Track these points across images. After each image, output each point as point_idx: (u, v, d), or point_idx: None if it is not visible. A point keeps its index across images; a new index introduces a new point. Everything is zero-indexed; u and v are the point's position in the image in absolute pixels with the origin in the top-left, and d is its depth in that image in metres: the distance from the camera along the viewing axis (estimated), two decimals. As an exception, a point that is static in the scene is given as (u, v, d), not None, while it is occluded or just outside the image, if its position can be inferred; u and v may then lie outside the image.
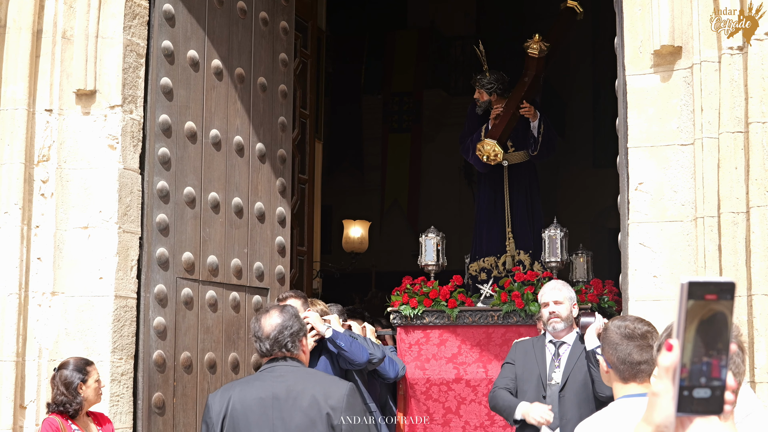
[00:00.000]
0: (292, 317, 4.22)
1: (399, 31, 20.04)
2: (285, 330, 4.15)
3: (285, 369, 4.13)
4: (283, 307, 4.32)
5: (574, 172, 18.29)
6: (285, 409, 4.01)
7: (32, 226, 6.44)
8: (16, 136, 6.38)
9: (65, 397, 5.60)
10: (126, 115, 6.57)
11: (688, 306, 1.58)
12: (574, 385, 6.09)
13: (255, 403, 4.05)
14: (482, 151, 9.25)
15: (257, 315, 4.29)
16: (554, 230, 8.71)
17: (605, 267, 9.24)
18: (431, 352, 8.44)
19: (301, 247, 10.25)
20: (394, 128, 19.91)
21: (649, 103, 5.80)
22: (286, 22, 8.03)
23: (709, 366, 1.58)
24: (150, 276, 6.63)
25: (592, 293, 8.18)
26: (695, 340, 1.58)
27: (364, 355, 6.65)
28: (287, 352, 4.15)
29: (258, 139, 7.60)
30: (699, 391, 1.58)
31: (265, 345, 4.16)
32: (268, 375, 4.14)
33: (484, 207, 9.73)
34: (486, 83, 9.63)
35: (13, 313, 6.26)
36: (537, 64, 9.51)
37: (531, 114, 9.34)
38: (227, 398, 4.13)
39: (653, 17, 5.73)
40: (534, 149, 9.38)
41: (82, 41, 6.52)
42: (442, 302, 8.49)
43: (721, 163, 5.44)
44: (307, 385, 4.07)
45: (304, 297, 6.74)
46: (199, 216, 7.04)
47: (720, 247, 5.40)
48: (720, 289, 1.58)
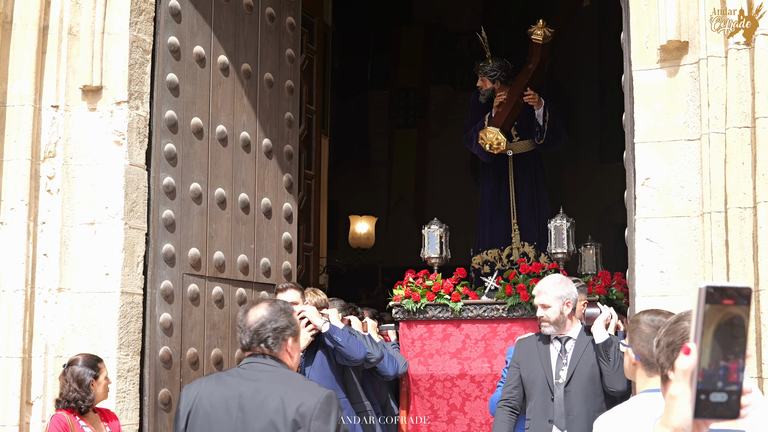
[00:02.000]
0: (279, 312, 3.89)
1: (405, 26, 20.04)
2: (268, 324, 3.83)
3: (260, 368, 3.81)
4: (274, 301, 3.99)
5: (580, 167, 18.27)
6: (249, 411, 3.70)
7: (38, 223, 6.44)
8: (23, 133, 6.39)
9: (77, 393, 5.59)
10: (132, 111, 6.57)
11: (705, 310, 1.58)
12: (580, 379, 5.96)
13: (220, 401, 3.78)
14: (485, 139, 9.11)
15: (246, 305, 3.99)
16: (560, 220, 8.50)
17: (612, 262, 9.16)
18: (435, 347, 8.22)
19: (307, 243, 10.26)
20: (400, 124, 19.92)
21: (655, 99, 5.78)
22: (292, 18, 8.03)
23: (726, 370, 1.58)
24: (156, 272, 6.63)
25: (600, 285, 7.99)
26: (712, 344, 1.59)
27: (362, 352, 6.53)
28: (267, 348, 3.82)
29: (264, 135, 7.60)
30: (716, 396, 1.59)
31: (246, 337, 3.85)
32: (241, 372, 3.85)
33: (488, 198, 9.56)
34: (489, 71, 9.48)
35: (19, 309, 6.26)
36: (541, 51, 9.33)
37: (535, 101, 9.17)
38: (197, 391, 3.87)
39: (659, 12, 5.72)
40: (539, 138, 9.22)
41: (88, 37, 6.53)
42: (445, 296, 8.26)
43: (728, 159, 5.43)
44: (279, 388, 3.71)
45: (302, 289, 6.69)
46: (206, 212, 7.04)
47: (727, 243, 5.39)
48: (737, 293, 1.59)
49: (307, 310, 6.46)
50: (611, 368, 5.87)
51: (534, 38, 9.29)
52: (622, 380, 5.85)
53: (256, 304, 3.95)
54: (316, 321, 6.46)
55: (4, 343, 6.23)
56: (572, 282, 6.30)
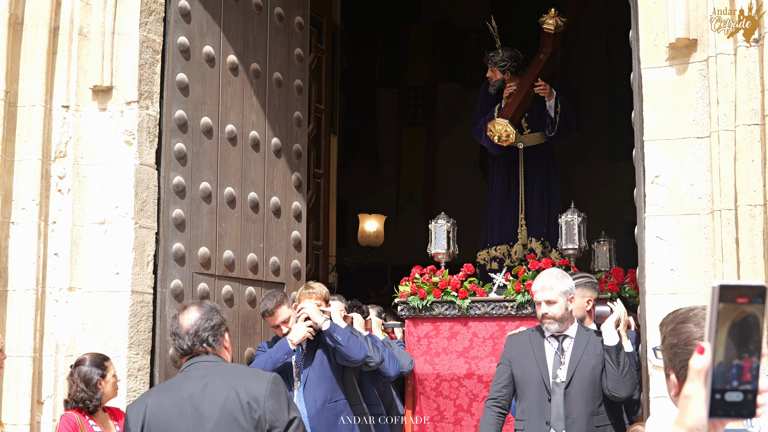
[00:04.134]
0: (211, 311, 4.03)
1: (413, 24, 20.02)
2: (205, 324, 3.96)
3: (204, 366, 3.93)
4: (201, 302, 4.11)
5: (589, 164, 18.25)
6: (202, 406, 3.82)
7: (49, 222, 6.46)
8: (33, 133, 6.41)
9: (85, 393, 5.60)
10: (142, 110, 6.58)
11: (719, 309, 1.57)
12: (580, 381, 5.69)
13: (172, 407, 3.86)
14: (493, 131, 8.86)
15: (175, 313, 4.10)
16: (572, 215, 8.15)
17: (622, 260, 9.03)
18: (441, 346, 7.85)
19: (316, 242, 10.26)
20: (409, 122, 19.90)
21: (664, 96, 5.78)
22: (301, 18, 8.04)
23: (740, 369, 1.58)
24: (166, 271, 6.65)
25: (613, 282, 7.62)
26: (726, 343, 1.58)
27: (362, 353, 6.44)
28: (209, 347, 3.96)
29: (274, 134, 7.61)
30: (731, 395, 1.58)
31: (186, 342, 3.96)
32: (186, 375, 3.94)
33: (497, 192, 9.30)
34: (498, 60, 9.21)
35: (30, 308, 6.29)
36: (553, 41, 9.07)
37: (547, 92, 8.91)
38: (144, 406, 3.93)
39: (668, 10, 5.71)
40: (551, 130, 8.97)
41: (98, 38, 6.55)
42: (452, 292, 7.85)
43: (738, 156, 5.42)
44: (227, 380, 3.86)
45: (282, 295, 6.67)
46: (215, 211, 7.06)
47: (737, 240, 5.38)
48: (751, 292, 1.58)
49: (307, 307, 6.43)
50: (618, 373, 5.66)
51: (546, 27, 9.06)
52: (627, 386, 5.69)
53: (184, 309, 4.08)
54: (316, 318, 6.41)
55: (15, 342, 6.25)
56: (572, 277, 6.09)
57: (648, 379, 5.67)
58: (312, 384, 6.48)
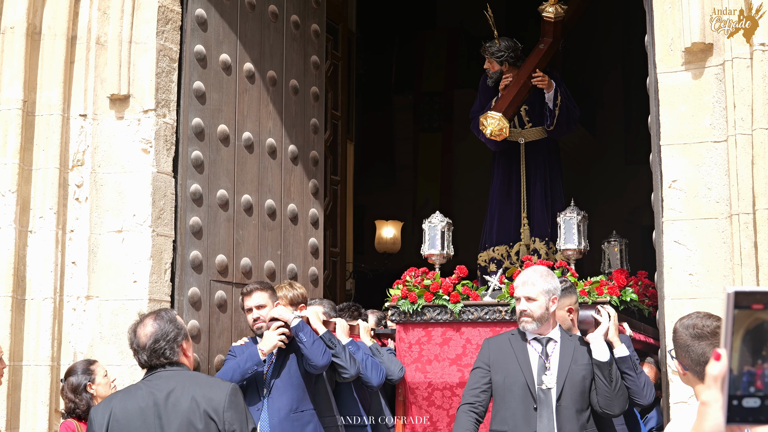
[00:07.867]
0: (168, 323, 4.06)
1: (429, 31, 20.03)
2: (161, 339, 4.00)
3: (166, 374, 4.00)
4: (157, 313, 4.13)
5: (606, 169, 18.20)
6: (165, 414, 3.90)
7: (67, 231, 6.49)
8: (51, 141, 6.44)
9: (73, 403, 5.59)
10: (159, 119, 6.61)
11: (735, 315, 1.57)
12: (572, 393, 5.23)
13: (135, 412, 3.94)
14: (485, 124, 8.29)
15: (132, 325, 4.14)
16: (570, 213, 7.53)
17: (639, 265, 8.86)
18: (433, 353, 7.26)
19: (333, 248, 10.27)
20: (425, 128, 19.89)
21: (681, 101, 5.77)
22: (317, 25, 8.05)
23: (751, 376, 1.57)
24: (183, 279, 6.66)
25: (613, 286, 6.91)
26: (741, 349, 1.57)
27: (325, 359, 6.00)
28: (166, 359, 4.01)
29: (290, 141, 7.63)
30: (748, 401, 1.57)
31: (143, 356, 4.03)
32: (148, 384, 4.01)
33: (497, 190, 8.83)
34: (495, 51, 8.79)
35: (48, 317, 6.31)
36: (554, 30, 8.55)
37: (545, 84, 8.36)
38: (108, 410, 3.99)
39: (683, 15, 5.70)
40: (549, 123, 8.44)
41: (115, 47, 6.57)
42: (443, 296, 7.23)
43: (755, 160, 5.40)
44: (187, 387, 3.95)
45: (270, 288, 6.33)
46: (233, 218, 7.07)
47: (756, 244, 5.35)
48: (767, 298, 1.57)
49: (275, 310, 6.12)
50: (611, 390, 5.21)
51: (545, 15, 8.59)
52: (621, 402, 5.26)
53: (140, 321, 4.11)
54: (285, 315, 6.06)
55: (33, 351, 6.27)
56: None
57: (668, 385, 5.64)
58: (277, 392, 6.08)
